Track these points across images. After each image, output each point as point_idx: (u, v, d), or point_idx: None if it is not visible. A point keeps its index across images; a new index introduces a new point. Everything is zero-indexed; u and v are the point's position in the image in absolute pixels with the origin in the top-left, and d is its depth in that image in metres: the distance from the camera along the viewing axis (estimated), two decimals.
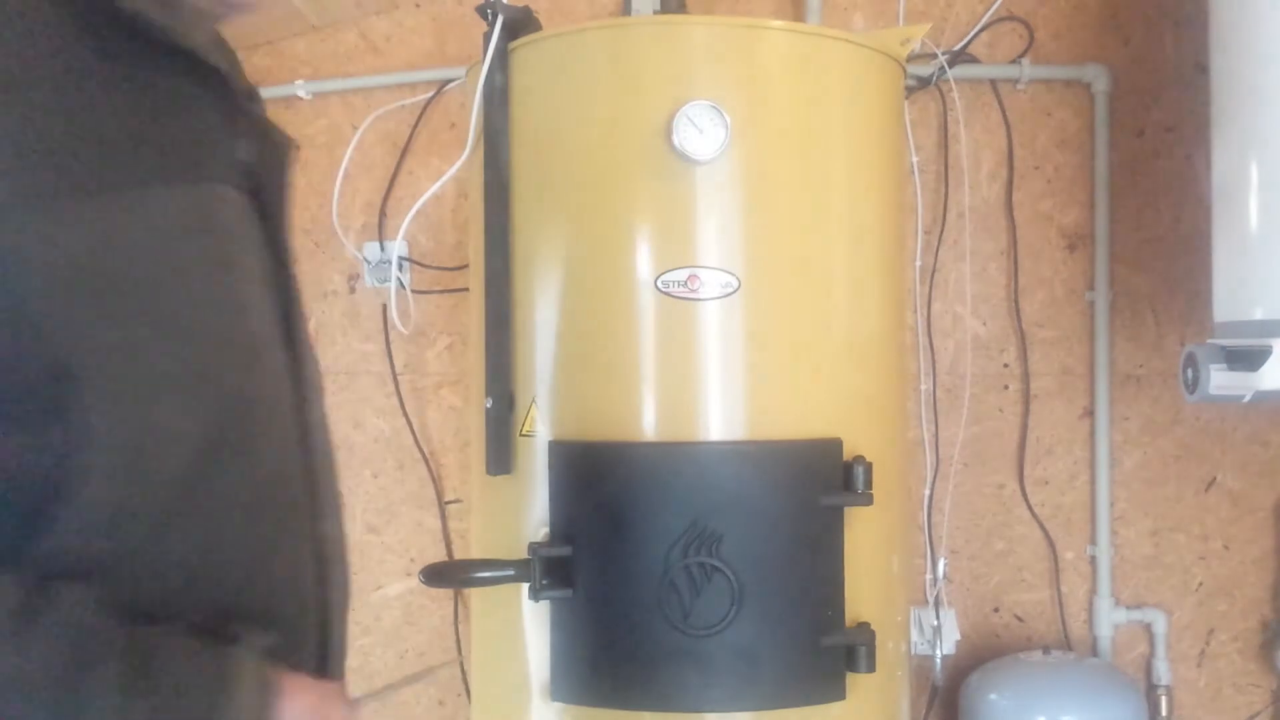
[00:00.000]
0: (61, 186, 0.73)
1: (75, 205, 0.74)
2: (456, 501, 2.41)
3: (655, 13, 2.11)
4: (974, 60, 2.28)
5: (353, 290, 2.44)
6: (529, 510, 1.56)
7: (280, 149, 1.00)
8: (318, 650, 0.97)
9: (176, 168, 0.83)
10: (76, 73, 0.77)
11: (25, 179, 0.71)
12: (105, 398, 0.76)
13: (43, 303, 0.72)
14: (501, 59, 1.58)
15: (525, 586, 1.50)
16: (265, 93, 2.39)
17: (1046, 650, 2.16)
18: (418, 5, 2.40)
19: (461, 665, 2.39)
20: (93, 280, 0.75)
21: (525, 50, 1.58)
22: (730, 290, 1.50)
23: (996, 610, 2.33)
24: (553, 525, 1.53)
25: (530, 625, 1.56)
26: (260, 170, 0.95)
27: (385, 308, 2.39)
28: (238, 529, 0.86)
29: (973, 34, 2.27)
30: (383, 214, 2.39)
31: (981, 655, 2.24)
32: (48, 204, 0.72)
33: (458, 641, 2.39)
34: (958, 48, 2.26)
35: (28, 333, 0.72)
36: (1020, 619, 2.32)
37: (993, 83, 2.29)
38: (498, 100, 1.58)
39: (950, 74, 2.22)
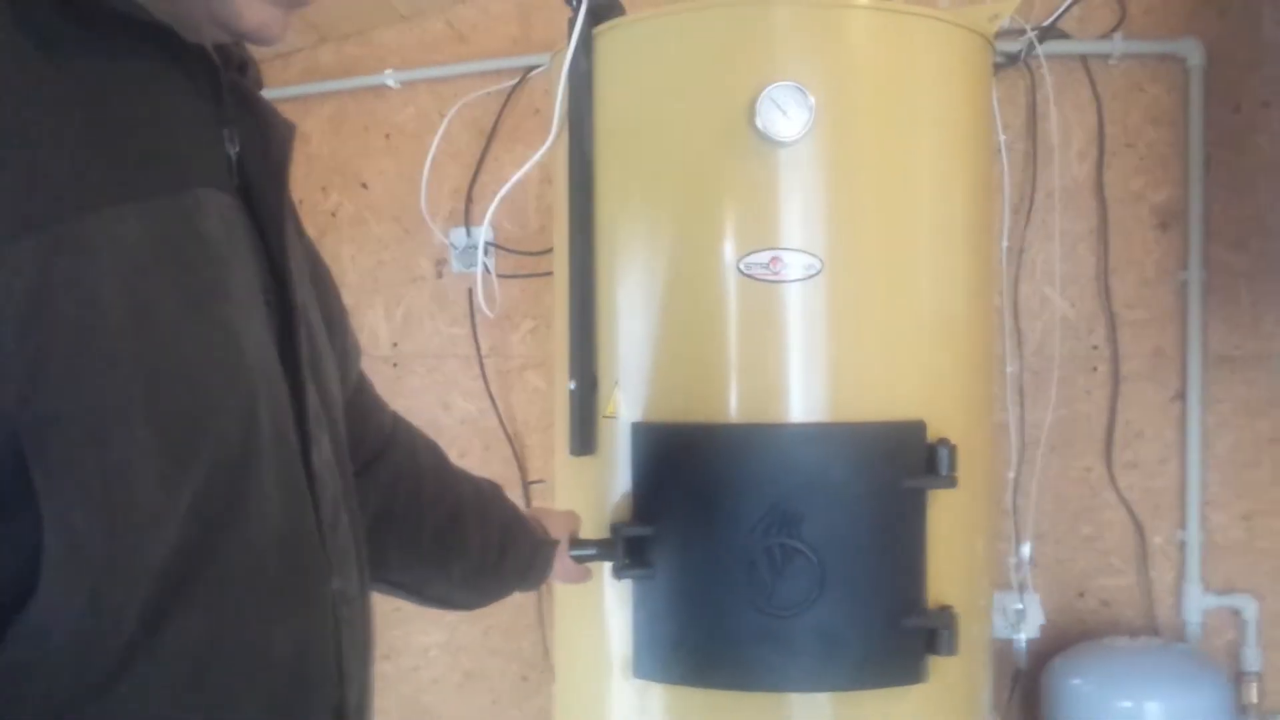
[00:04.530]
0: None
1: (14, 246, 0.60)
2: (540, 482, 2.45)
3: None
4: (1064, 36, 2.23)
5: (440, 275, 2.48)
6: (611, 490, 1.59)
7: (279, 135, 0.86)
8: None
9: (147, 177, 0.69)
10: (8, 76, 0.64)
11: None
12: (70, 476, 0.63)
13: None
14: (586, 44, 1.60)
15: (608, 565, 1.53)
16: (356, 82, 2.45)
17: (1133, 635, 2.13)
18: None
19: (545, 641, 2.43)
20: (42, 331, 0.61)
21: (609, 35, 1.60)
22: (813, 272, 1.50)
23: (1082, 595, 2.30)
24: (635, 505, 1.55)
25: (612, 603, 1.59)
26: (252, 162, 0.81)
27: (471, 292, 2.44)
28: (241, 611, 0.73)
29: (1063, 9, 2.22)
30: (469, 200, 2.43)
31: (1066, 640, 2.21)
32: None
33: (540, 618, 2.44)
34: (1048, 23, 2.22)
35: None
36: (1106, 604, 2.29)
37: (1083, 59, 2.24)
38: (582, 85, 1.60)
39: (1040, 50, 2.18)
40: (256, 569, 0.74)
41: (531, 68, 2.37)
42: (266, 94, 0.89)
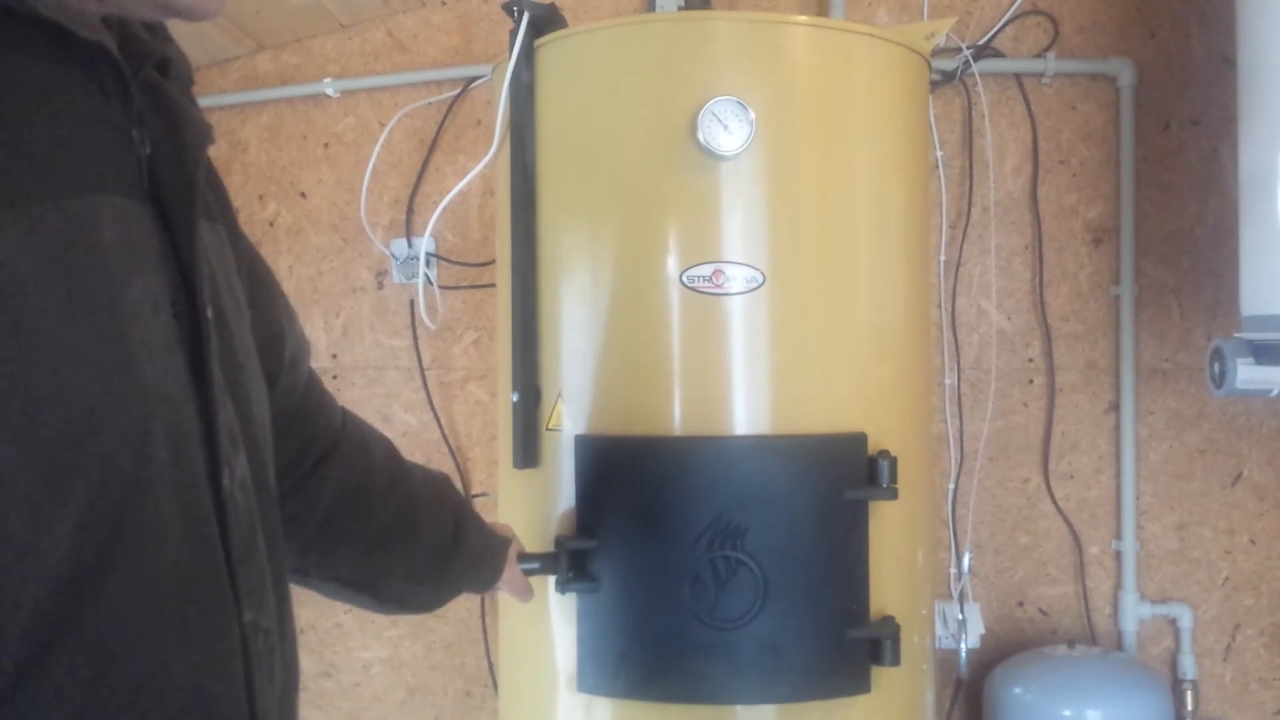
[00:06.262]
0: None
1: None
2: (483, 495, 2.43)
3: (679, 9, 2.12)
4: (999, 54, 2.27)
5: (380, 286, 2.46)
6: (555, 504, 1.58)
7: (192, 137, 0.82)
8: None
9: (34, 184, 0.65)
10: None
11: None
12: None
13: None
14: (527, 56, 1.59)
15: (552, 579, 1.52)
16: (294, 91, 2.42)
17: (1071, 644, 2.16)
18: (444, 3, 2.41)
19: (489, 656, 2.41)
20: None
21: (551, 47, 1.60)
22: (755, 285, 1.51)
23: (1021, 604, 2.33)
24: (579, 518, 1.54)
25: (556, 617, 1.58)
26: (164, 166, 0.77)
27: (413, 303, 2.42)
28: (132, 648, 0.68)
29: (997, 28, 2.27)
30: (410, 210, 2.41)
31: (1006, 649, 2.24)
32: None
33: (484, 633, 2.41)
34: (982, 41, 2.26)
35: None
36: (1045, 613, 2.32)
37: (1018, 77, 2.28)
38: (524, 97, 1.60)
39: (975, 68, 2.22)
40: (150, 603, 0.70)
41: (473, 78, 2.36)
42: (204, 101, 0.86)
